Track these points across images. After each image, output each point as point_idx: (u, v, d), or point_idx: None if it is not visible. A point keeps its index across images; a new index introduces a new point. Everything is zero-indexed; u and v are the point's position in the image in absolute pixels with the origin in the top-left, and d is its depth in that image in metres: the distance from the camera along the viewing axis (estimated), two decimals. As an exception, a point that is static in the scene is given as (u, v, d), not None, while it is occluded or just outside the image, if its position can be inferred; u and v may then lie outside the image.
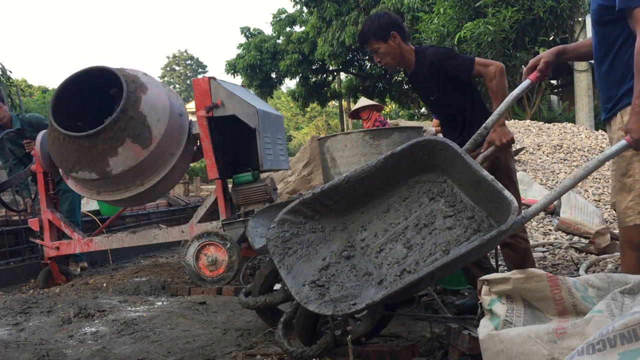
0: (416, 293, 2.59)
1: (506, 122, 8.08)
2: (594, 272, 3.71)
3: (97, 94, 4.58)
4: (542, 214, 5.20)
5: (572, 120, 11.45)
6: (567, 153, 6.73)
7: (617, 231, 4.72)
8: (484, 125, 2.64)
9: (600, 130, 7.97)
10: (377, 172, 2.49)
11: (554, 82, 14.94)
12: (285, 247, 2.38)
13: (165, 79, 55.22)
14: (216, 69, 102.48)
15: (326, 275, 2.33)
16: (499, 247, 2.94)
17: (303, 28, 20.06)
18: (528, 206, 5.31)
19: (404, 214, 2.52)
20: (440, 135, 6.70)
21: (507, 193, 2.19)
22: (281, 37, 21.10)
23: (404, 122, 10.79)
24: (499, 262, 3.97)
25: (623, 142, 2.17)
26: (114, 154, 4.16)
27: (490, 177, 2.28)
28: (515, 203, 2.16)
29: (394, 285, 2.16)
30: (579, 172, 2.21)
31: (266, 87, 21.34)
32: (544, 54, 2.58)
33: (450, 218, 2.44)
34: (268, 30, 23.14)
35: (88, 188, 4.57)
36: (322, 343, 2.43)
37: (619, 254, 4.04)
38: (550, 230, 4.90)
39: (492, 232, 2.10)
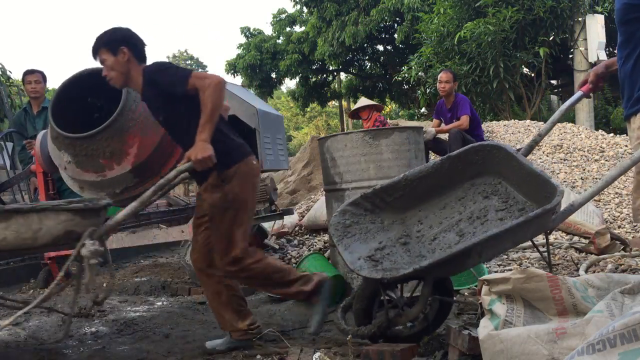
0: (463, 269, 2.62)
1: (507, 122, 8.07)
2: (594, 272, 3.70)
3: (96, 95, 4.57)
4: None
5: (572, 120, 11.44)
6: (567, 153, 6.72)
7: (617, 231, 4.72)
8: (538, 132, 2.67)
9: (600, 130, 7.97)
10: (434, 172, 2.70)
11: (554, 82, 14.94)
12: (345, 231, 2.60)
13: (165, 79, 55.10)
14: (216, 69, 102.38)
15: (381, 254, 2.54)
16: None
17: (303, 28, 20.04)
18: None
19: (459, 210, 2.69)
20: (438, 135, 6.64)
21: (553, 181, 2.30)
22: (281, 37, 21.08)
23: (404, 122, 10.80)
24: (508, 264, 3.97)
25: None
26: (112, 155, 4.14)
27: (539, 168, 2.44)
28: (562, 187, 2.26)
29: (442, 254, 2.32)
30: (625, 162, 2.25)
31: (266, 87, 21.31)
32: (596, 67, 2.63)
33: (502, 211, 2.58)
34: (268, 30, 23.13)
35: (87, 188, 4.56)
36: (377, 322, 2.53)
37: (619, 254, 4.04)
38: (550, 230, 4.90)
39: (537, 210, 2.23)
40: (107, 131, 3.95)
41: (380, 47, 19.84)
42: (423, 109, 16.21)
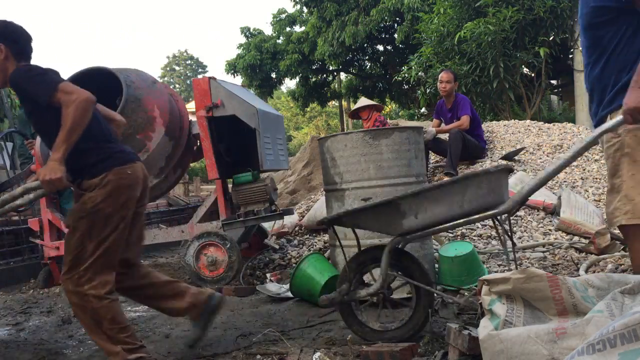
0: (400, 228, 2.64)
1: (507, 122, 8.08)
2: (594, 272, 3.70)
3: (97, 95, 4.57)
4: (542, 214, 5.20)
5: (572, 120, 11.44)
6: (567, 153, 6.71)
7: (617, 231, 4.72)
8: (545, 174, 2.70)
9: (600, 130, 7.96)
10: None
11: (554, 82, 14.94)
12: None
13: (165, 79, 55.20)
14: (216, 69, 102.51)
15: None
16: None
17: (303, 28, 20.04)
18: (530, 206, 5.31)
19: None
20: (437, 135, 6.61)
21: (502, 163, 2.52)
22: (281, 37, 21.08)
23: (404, 122, 10.79)
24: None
25: (618, 117, 2.20)
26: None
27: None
28: (504, 164, 2.61)
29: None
30: (577, 145, 2.32)
31: (266, 87, 21.32)
32: None
33: None
34: (268, 30, 23.12)
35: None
36: (340, 290, 2.77)
37: (619, 254, 4.04)
38: (550, 230, 4.89)
39: (458, 176, 2.55)
40: (129, 104, 4.02)
41: (380, 47, 19.84)
42: (423, 109, 16.20)
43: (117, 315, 2.51)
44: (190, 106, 6.97)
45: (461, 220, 2.58)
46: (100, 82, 4.44)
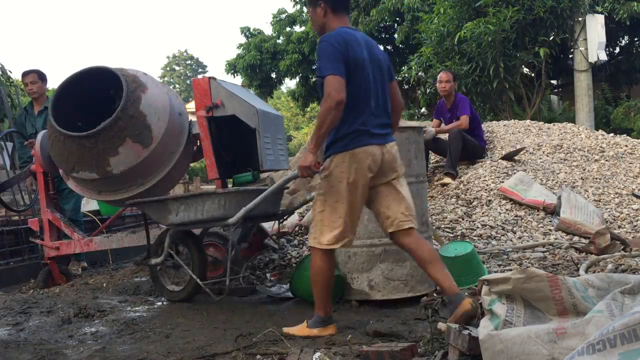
0: (167, 220, 3.63)
1: (507, 122, 8.09)
2: (594, 272, 3.70)
3: (97, 94, 4.57)
4: (542, 214, 5.19)
5: (572, 120, 11.43)
6: (567, 153, 6.72)
7: (617, 231, 4.72)
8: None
9: (600, 131, 7.97)
10: None
11: (554, 82, 14.93)
12: None
13: (165, 79, 55.19)
14: (216, 69, 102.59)
15: None
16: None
17: (303, 28, 20.02)
18: (530, 206, 5.31)
19: None
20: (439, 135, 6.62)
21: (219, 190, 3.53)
22: (281, 37, 21.07)
23: (404, 122, 10.77)
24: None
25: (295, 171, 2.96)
26: (115, 153, 4.15)
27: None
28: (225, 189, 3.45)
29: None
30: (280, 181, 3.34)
31: (266, 87, 21.29)
32: None
33: None
34: (268, 30, 23.05)
35: (88, 188, 4.56)
36: (143, 257, 3.96)
37: (619, 254, 4.05)
38: (550, 230, 4.90)
39: (199, 192, 3.58)
40: (129, 104, 4.05)
41: (380, 47, 19.83)
42: (423, 109, 16.19)
43: None
44: (190, 106, 6.97)
45: None
46: (100, 81, 4.44)
